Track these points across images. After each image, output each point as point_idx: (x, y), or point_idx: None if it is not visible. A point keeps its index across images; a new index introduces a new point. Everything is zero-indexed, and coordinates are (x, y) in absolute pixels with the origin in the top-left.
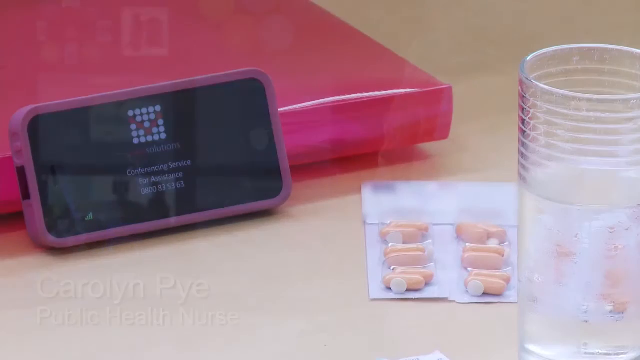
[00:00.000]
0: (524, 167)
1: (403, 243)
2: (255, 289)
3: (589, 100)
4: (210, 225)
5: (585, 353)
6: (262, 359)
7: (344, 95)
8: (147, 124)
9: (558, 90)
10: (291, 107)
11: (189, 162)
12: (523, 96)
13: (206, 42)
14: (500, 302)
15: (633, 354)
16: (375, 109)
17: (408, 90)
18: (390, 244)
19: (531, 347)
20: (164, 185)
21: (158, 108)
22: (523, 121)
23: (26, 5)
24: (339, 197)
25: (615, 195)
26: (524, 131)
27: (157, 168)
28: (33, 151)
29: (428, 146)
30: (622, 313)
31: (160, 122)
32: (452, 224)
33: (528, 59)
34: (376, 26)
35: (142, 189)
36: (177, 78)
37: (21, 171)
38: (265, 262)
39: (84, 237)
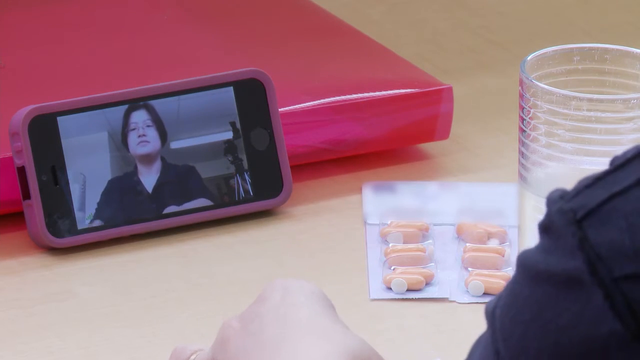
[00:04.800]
0: (524, 167)
1: (403, 243)
2: (255, 289)
3: (590, 100)
4: (210, 225)
5: None
6: None
7: (344, 95)
8: (147, 124)
9: (558, 90)
10: (291, 107)
11: (188, 162)
12: (523, 96)
13: (206, 42)
14: None
15: None
16: (375, 109)
17: (408, 90)
18: (390, 244)
19: None
20: (164, 185)
21: (158, 108)
22: (523, 121)
23: (26, 5)
24: (339, 197)
25: None
26: (525, 131)
27: (158, 168)
28: (33, 151)
29: (428, 146)
30: None
31: (161, 122)
32: (452, 224)
33: (528, 58)
34: (376, 26)
35: (142, 189)
36: (177, 78)
37: (21, 171)
38: (266, 262)
39: (84, 237)
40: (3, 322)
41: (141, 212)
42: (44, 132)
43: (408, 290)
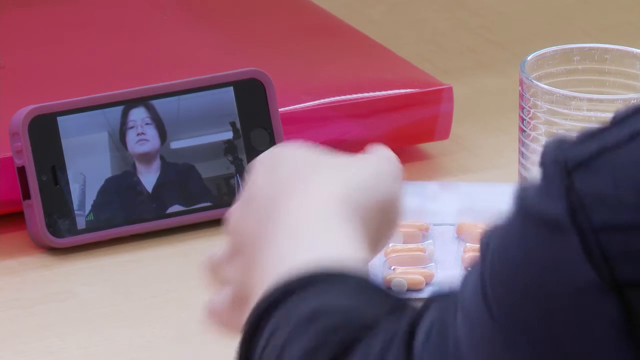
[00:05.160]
0: (524, 167)
1: (403, 243)
2: None
3: (590, 100)
4: (210, 226)
5: None
6: None
7: (344, 95)
8: (146, 124)
9: (559, 90)
10: (291, 107)
11: (189, 162)
12: (523, 96)
13: (206, 42)
14: None
15: None
16: (375, 109)
17: (408, 90)
18: (390, 244)
19: None
20: (164, 184)
21: (158, 108)
22: (523, 121)
23: (26, 5)
24: None
25: None
26: (525, 131)
27: (157, 168)
28: (33, 151)
29: (428, 146)
30: None
31: (161, 122)
32: (452, 224)
33: (528, 58)
34: (376, 26)
35: (142, 189)
36: (177, 78)
37: (21, 171)
38: None
39: (84, 237)
40: (3, 322)
41: (141, 212)
42: (44, 132)
43: (408, 290)
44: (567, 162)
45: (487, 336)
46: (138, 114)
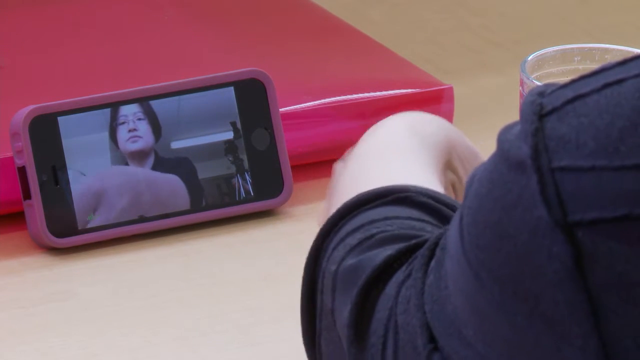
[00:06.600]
0: None
1: None
2: (255, 289)
3: None
4: (210, 226)
5: None
6: (262, 359)
7: (344, 95)
8: (147, 124)
9: None
10: (292, 107)
11: (189, 162)
12: (524, 96)
13: (206, 42)
14: None
15: None
16: (376, 109)
17: (408, 90)
18: None
19: None
20: (164, 185)
21: (158, 108)
22: None
23: (26, 5)
24: None
25: None
26: None
27: (158, 168)
28: (34, 151)
29: None
30: None
31: (161, 122)
32: None
33: (529, 59)
34: (376, 26)
35: (143, 189)
36: (177, 78)
37: (22, 171)
38: (266, 263)
39: (84, 238)
40: (3, 322)
41: (142, 212)
42: (44, 132)
43: None
44: (543, 107)
45: (463, 273)
46: (129, 109)
